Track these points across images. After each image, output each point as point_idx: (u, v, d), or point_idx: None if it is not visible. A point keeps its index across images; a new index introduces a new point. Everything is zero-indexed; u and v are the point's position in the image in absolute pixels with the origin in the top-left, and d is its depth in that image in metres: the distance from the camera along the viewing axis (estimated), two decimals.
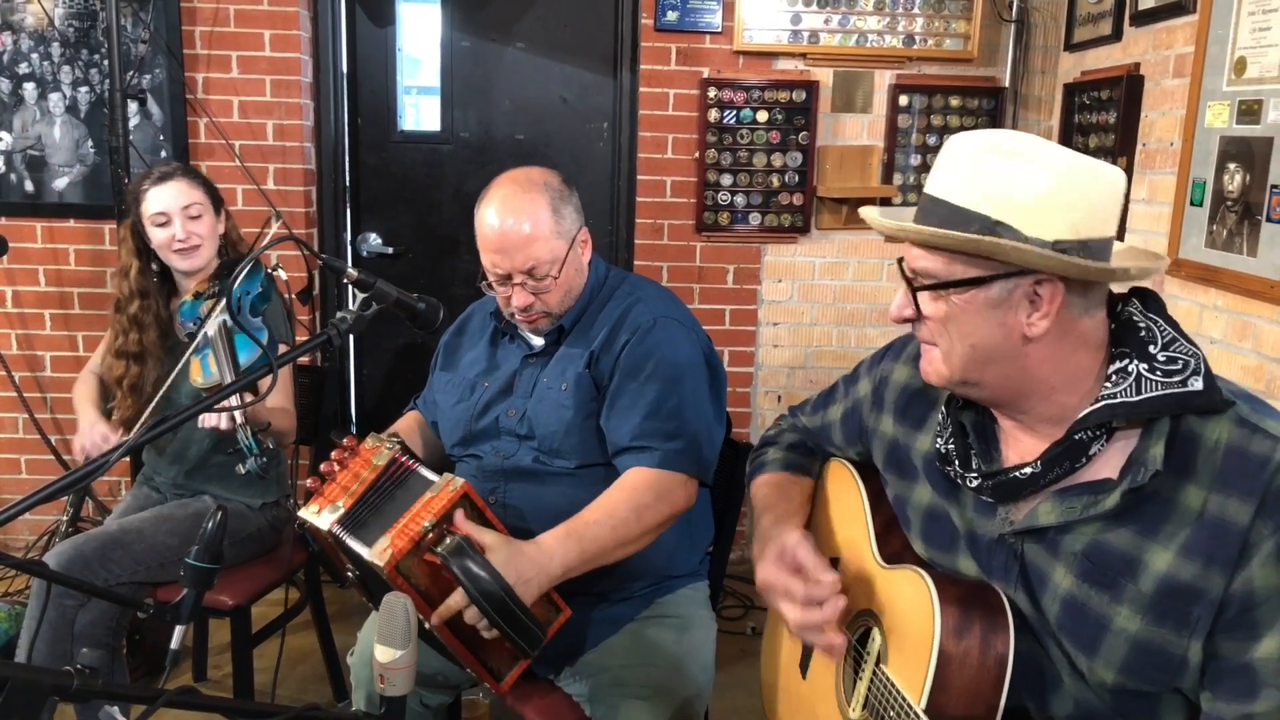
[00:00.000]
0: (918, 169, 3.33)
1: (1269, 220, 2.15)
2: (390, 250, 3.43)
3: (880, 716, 1.16)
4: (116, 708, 1.04)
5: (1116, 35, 2.81)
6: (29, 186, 3.19)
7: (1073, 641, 1.07)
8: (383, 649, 1.16)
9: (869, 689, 1.21)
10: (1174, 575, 0.99)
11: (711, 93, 3.22)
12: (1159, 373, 1.02)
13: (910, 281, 1.10)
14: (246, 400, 1.72)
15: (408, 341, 3.51)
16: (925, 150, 3.32)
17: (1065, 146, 1.05)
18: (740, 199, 3.30)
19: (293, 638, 2.82)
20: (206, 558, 1.27)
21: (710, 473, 1.73)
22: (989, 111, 3.30)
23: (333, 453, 1.58)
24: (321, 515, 1.49)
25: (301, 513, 1.53)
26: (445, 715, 1.93)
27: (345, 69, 3.32)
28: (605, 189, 3.39)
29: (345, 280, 1.41)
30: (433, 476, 1.53)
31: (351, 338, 1.40)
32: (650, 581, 1.77)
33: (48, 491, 1.09)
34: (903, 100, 3.28)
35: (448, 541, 1.42)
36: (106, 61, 2.93)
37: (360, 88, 3.37)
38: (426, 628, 1.46)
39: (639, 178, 3.30)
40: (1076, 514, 1.06)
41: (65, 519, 2.74)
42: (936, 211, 1.06)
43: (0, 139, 3.16)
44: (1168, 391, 1.01)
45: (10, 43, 3.11)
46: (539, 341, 1.80)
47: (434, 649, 1.61)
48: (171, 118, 3.14)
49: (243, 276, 2.08)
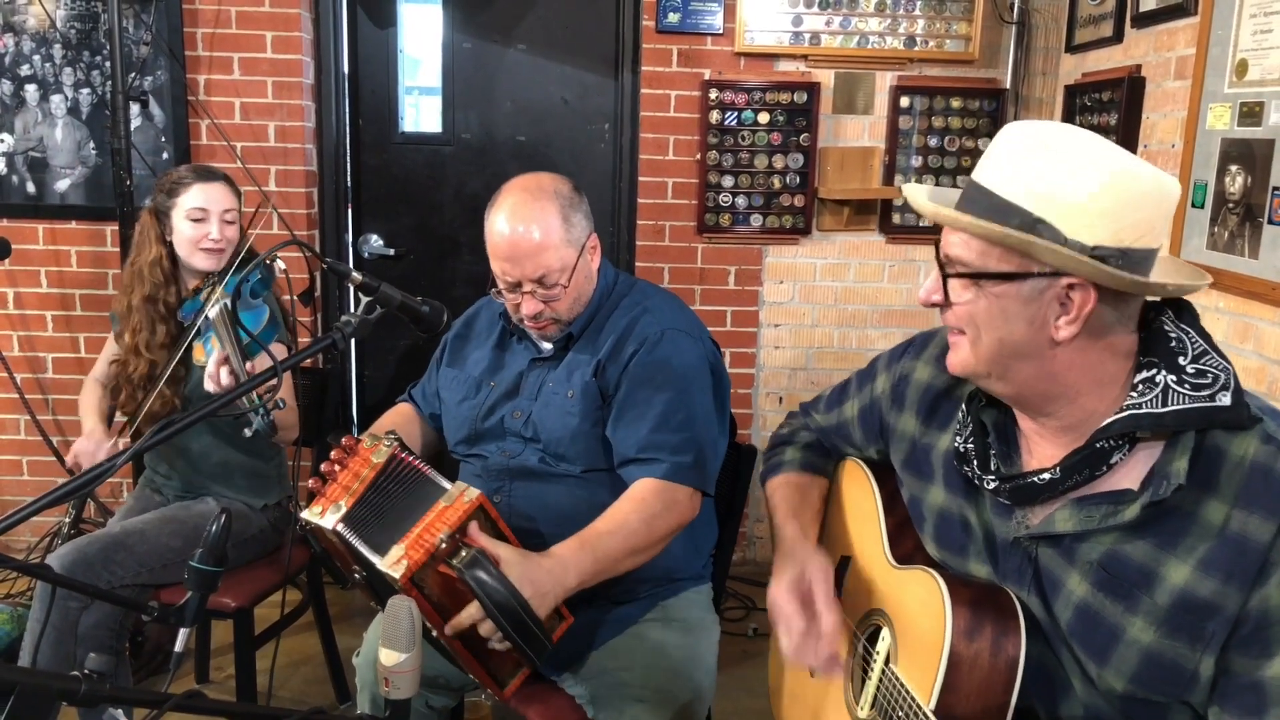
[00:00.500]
0: (919, 170, 3.34)
1: (1270, 222, 2.15)
2: (391, 251, 3.43)
3: (889, 716, 1.16)
4: (120, 711, 1.04)
5: (1118, 37, 2.82)
6: (31, 188, 3.20)
7: (1084, 648, 1.06)
8: (387, 652, 1.16)
9: (878, 688, 1.21)
10: (1191, 590, 0.99)
11: (713, 94, 3.22)
12: (1187, 385, 1.01)
13: (943, 266, 1.08)
14: (269, 389, 1.72)
15: (409, 343, 3.52)
16: (926, 151, 3.32)
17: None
18: (741, 200, 3.31)
19: (295, 639, 2.83)
20: (211, 560, 1.28)
21: (713, 484, 1.74)
22: (990, 113, 3.30)
23: (332, 453, 1.58)
24: (325, 516, 1.48)
25: (304, 514, 1.52)
26: (449, 717, 1.93)
27: (346, 70, 3.33)
28: (606, 190, 3.40)
29: (349, 284, 1.41)
30: (445, 484, 1.53)
31: (353, 340, 1.40)
32: (655, 584, 1.77)
33: (51, 498, 1.09)
34: (904, 102, 3.28)
35: (463, 554, 1.42)
36: (108, 63, 2.94)
37: (361, 89, 3.37)
38: (434, 636, 1.46)
39: (640, 179, 3.31)
40: (1095, 523, 1.04)
41: (67, 521, 2.74)
42: (979, 200, 1.04)
43: (2, 140, 3.17)
44: (1195, 405, 1.00)
45: (12, 44, 3.11)
46: (547, 346, 1.80)
47: (438, 653, 1.61)
48: (173, 119, 3.15)
49: (237, 265, 2.16)
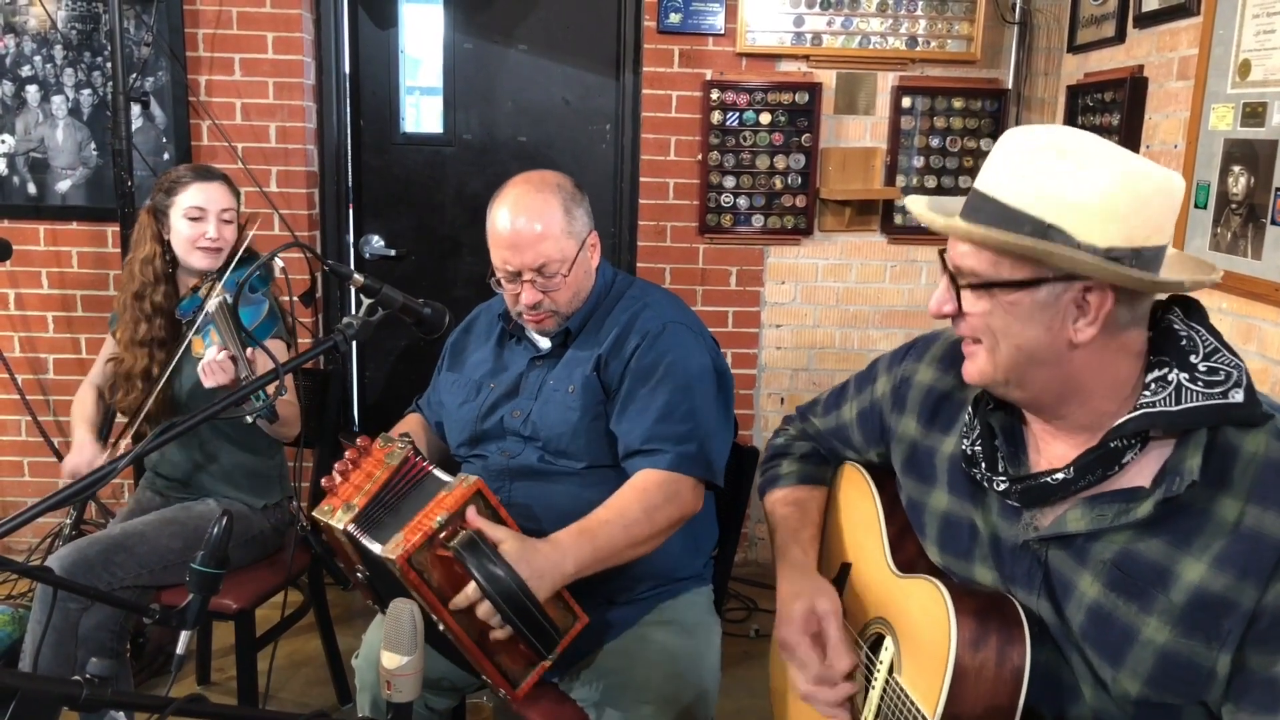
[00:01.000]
0: (920, 171, 3.33)
1: (1273, 223, 2.15)
2: (392, 252, 3.43)
3: None
4: (121, 714, 1.04)
5: (1120, 37, 2.81)
6: (32, 189, 3.19)
7: (1097, 651, 1.05)
8: (389, 655, 1.16)
9: (881, 698, 1.20)
10: (1206, 587, 0.98)
11: (714, 95, 3.22)
12: (1200, 383, 1.01)
13: (954, 277, 1.07)
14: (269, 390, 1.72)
15: (410, 343, 3.51)
16: (928, 152, 3.32)
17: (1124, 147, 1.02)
18: (743, 201, 3.30)
19: (296, 640, 2.83)
20: (212, 563, 1.28)
21: (720, 476, 1.74)
22: (992, 113, 3.30)
23: (346, 453, 1.58)
24: (336, 515, 1.49)
25: (316, 512, 1.53)
26: (450, 719, 1.93)
27: (348, 71, 3.32)
28: (608, 191, 3.39)
29: (351, 286, 1.41)
30: (446, 477, 1.54)
31: (354, 342, 1.41)
32: (655, 584, 1.77)
33: (51, 502, 1.09)
34: (905, 102, 3.27)
35: (460, 535, 1.42)
36: (109, 64, 2.93)
37: (362, 89, 3.37)
38: (441, 630, 1.46)
39: (641, 179, 3.30)
40: (1108, 522, 1.04)
41: (69, 522, 2.74)
42: (986, 209, 1.03)
43: (3, 141, 3.16)
44: (1208, 403, 0.99)
45: (13, 45, 3.11)
46: (545, 344, 1.81)
47: (448, 657, 1.61)
48: (174, 120, 3.14)
49: (236, 263, 2.18)
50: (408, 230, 3.45)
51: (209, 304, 2.04)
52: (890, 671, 1.19)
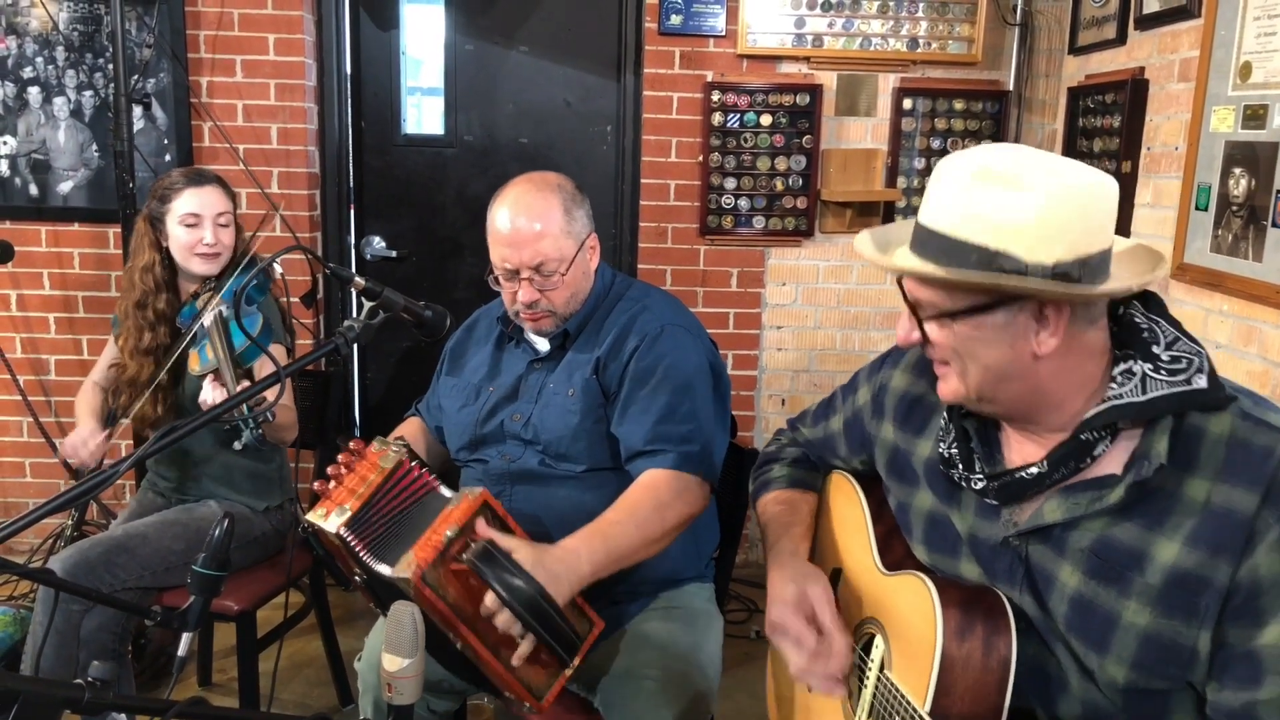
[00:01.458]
0: (921, 172, 3.33)
1: (1274, 225, 2.15)
2: (394, 253, 3.43)
3: None
4: (123, 716, 1.05)
5: (1121, 39, 2.81)
6: (33, 190, 3.20)
7: (1082, 640, 1.07)
8: (390, 657, 1.16)
9: (874, 696, 1.21)
10: (1181, 565, 1.00)
11: (715, 96, 3.22)
12: (1164, 372, 1.04)
13: (914, 310, 1.10)
14: (259, 401, 1.71)
15: (410, 344, 3.52)
16: (929, 153, 3.32)
17: (1068, 151, 1.04)
18: (744, 202, 3.31)
19: (297, 641, 2.83)
20: (214, 564, 1.28)
21: (718, 478, 1.75)
22: (993, 115, 3.30)
23: (339, 456, 1.58)
24: (329, 519, 1.47)
25: (308, 516, 1.52)
26: None
27: (349, 72, 3.33)
28: (609, 192, 3.40)
29: (353, 289, 1.41)
30: (449, 493, 1.53)
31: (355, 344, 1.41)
32: (657, 585, 1.78)
33: (54, 505, 1.09)
34: (906, 104, 3.28)
35: (473, 547, 1.41)
36: (111, 65, 2.94)
37: (364, 91, 3.37)
38: (459, 648, 1.44)
39: (642, 181, 3.31)
40: (1082, 509, 1.06)
41: (70, 523, 2.74)
42: (931, 243, 1.05)
43: (5, 143, 3.17)
44: (1173, 390, 1.02)
45: (15, 47, 3.11)
46: (544, 346, 1.81)
47: (467, 677, 1.59)
48: (176, 122, 3.15)
49: (239, 271, 2.15)
50: (409, 231, 3.45)
51: (205, 317, 2.03)
52: (881, 669, 1.20)
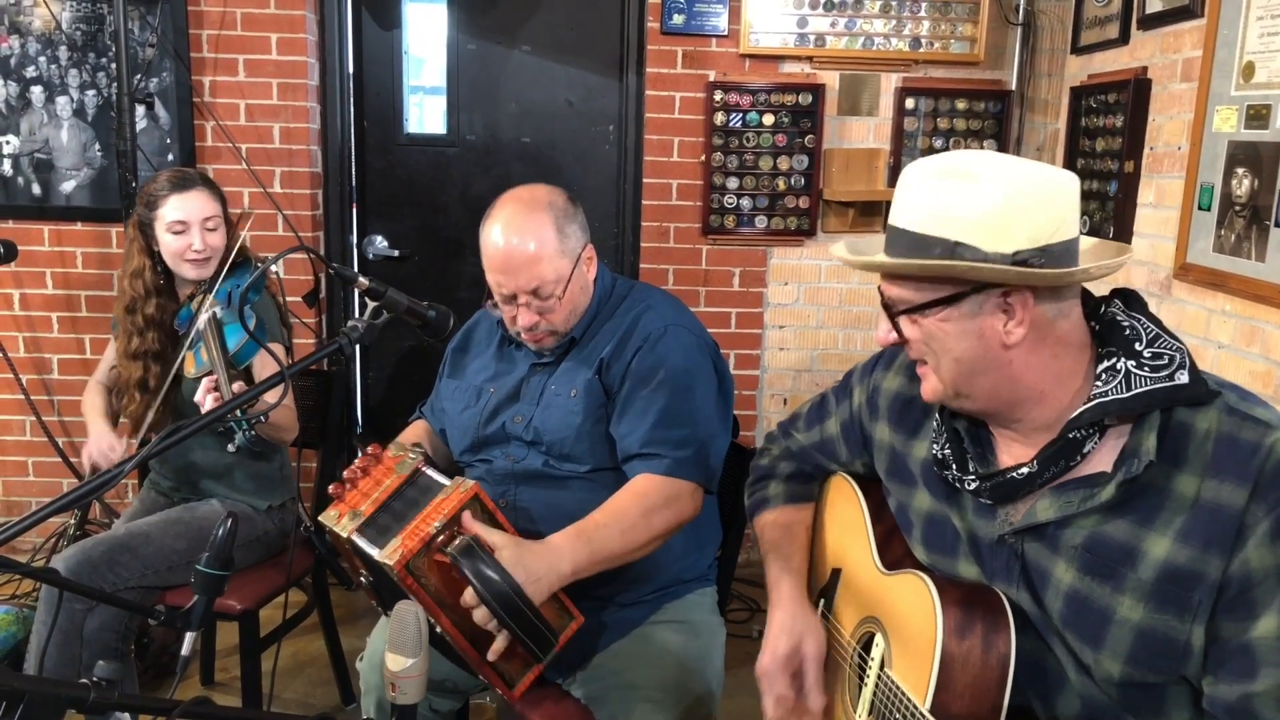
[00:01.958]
0: None
1: (1277, 225, 2.15)
2: (396, 253, 3.43)
3: None
4: (128, 716, 1.05)
5: (1124, 39, 2.81)
6: (36, 190, 3.20)
7: (1077, 636, 1.08)
8: (394, 657, 1.17)
9: (875, 694, 1.21)
10: (1172, 561, 1.02)
11: (717, 96, 3.22)
12: (1146, 368, 1.06)
13: (889, 309, 1.14)
14: (257, 405, 1.72)
15: (412, 344, 3.52)
16: (932, 153, 3.30)
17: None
18: (746, 202, 3.30)
19: (299, 641, 2.83)
20: (217, 564, 1.28)
21: (716, 481, 1.74)
22: (995, 115, 3.29)
23: (357, 459, 1.58)
24: (343, 522, 1.49)
25: (322, 517, 1.54)
26: None
27: (351, 71, 3.33)
28: (611, 192, 3.40)
29: (357, 289, 1.41)
30: (443, 480, 1.54)
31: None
32: (660, 585, 1.77)
33: (59, 504, 1.09)
34: (909, 103, 3.27)
35: (457, 542, 1.43)
36: (114, 65, 2.94)
37: (366, 90, 3.37)
38: (438, 631, 1.46)
39: (645, 181, 3.30)
40: (1074, 507, 1.08)
41: (73, 522, 2.75)
42: (900, 241, 1.10)
43: (8, 142, 3.17)
44: (1157, 386, 1.04)
45: (18, 46, 3.12)
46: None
47: (446, 655, 1.61)
48: (178, 121, 3.15)
49: (231, 271, 2.15)
50: (411, 231, 3.45)
51: (199, 320, 2.04)
52: (881, 666, 1.21)
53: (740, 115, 3.24)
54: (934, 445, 1.23)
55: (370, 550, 1.45)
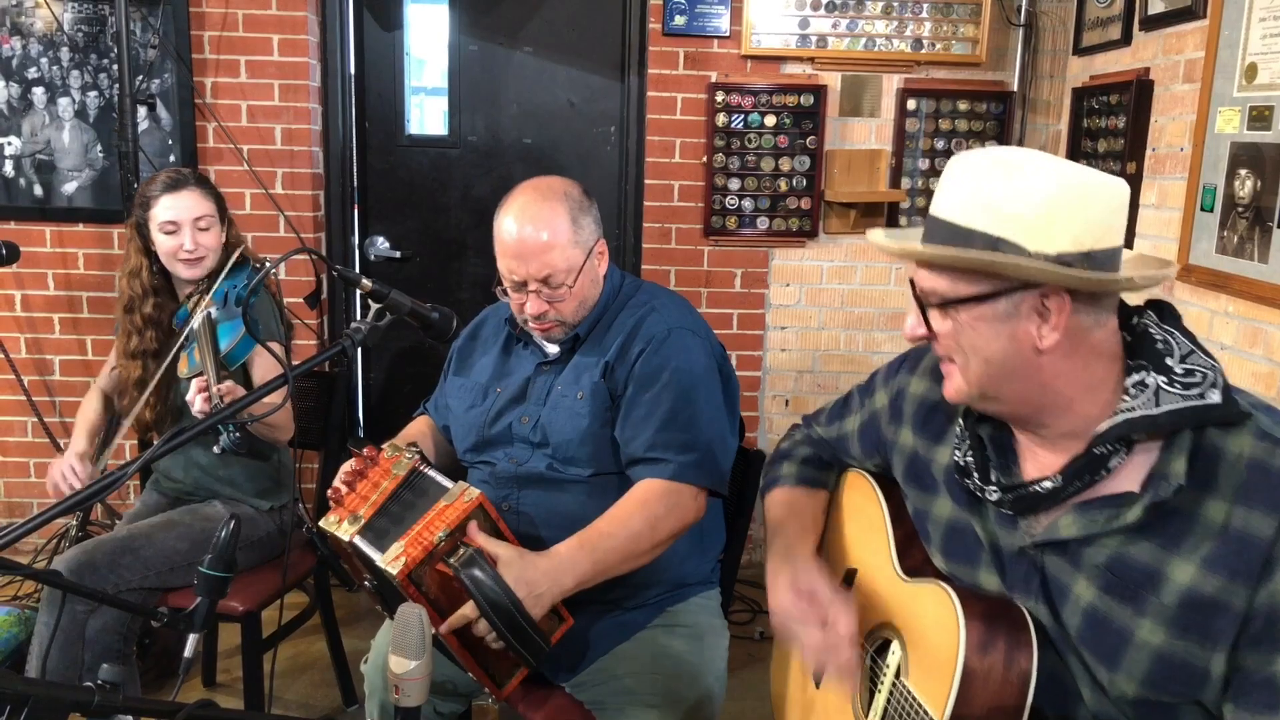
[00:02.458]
0: (925, 173, 3.33)
1: None
2: (398, 254, 3.43)
3: None
4: (131, 719, 1.04)
5: (1126, 40, 2.81)
6: (38, 191, 3.20)
7: (1094, 654, 1.07)
8: (397, 659, 1.16)
9: (888, 702, 1.20)
10: (1197, 588, 0.99)
11: (719, 97, 3.22)
12: (1177, 385, 1.03)
13: (920, 300, 1.11)
14: (256, 411, 1.71)
15: (414, 344, 3.52)
16: (933, 154, 3.31)
17: (1073, 152, 1.05)
18: (748, 203, 3.30)
19: (301, 642, 2.83)
20: (220, 566, 1.28)
21: (725, 483, 1.73)
22: (997, 116, 3.29)
23: (352, 462, 1.58)
24: (342, 526, 1.49)
25: (322, 523, 1.53)
26: None
27: (353, 72, 3.33)
28: (613, 193, 3.39)
29: (360, 291, 1.41)
30: (447, 483, 1.54)
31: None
32: (663, 589, 1.77)
33: (59, 509, 1.09)
34: (910, 104, 3.27)
35: (461, 553, 1.43)
36: (115, 66, 2.94)
37: (367, 91, 3.37)
38: (435, 634, 1.46)
39: (646, 182, 3.30)
40: (1099, 527, 1.05)
41: (75, 523, 2.75)
42: (940, 232, 1.07)
43: (9, 143, 3.17)
44: (1187, 405, 1.01)
45: (19, 47, 3.12)
46: (553, 349, 1.80)
47: (439, 652, 1.62)
48: (180, 122, 3.15)
49: (229, 272, 2.15)
50: (413, 232, 3.45)
51: (194, 320, 2.04)
52: (897, 675, 1.20)
53: (742, 116, 3.24)
54: (956, 452, 1.21)
55: (373, 554, 1.45)
